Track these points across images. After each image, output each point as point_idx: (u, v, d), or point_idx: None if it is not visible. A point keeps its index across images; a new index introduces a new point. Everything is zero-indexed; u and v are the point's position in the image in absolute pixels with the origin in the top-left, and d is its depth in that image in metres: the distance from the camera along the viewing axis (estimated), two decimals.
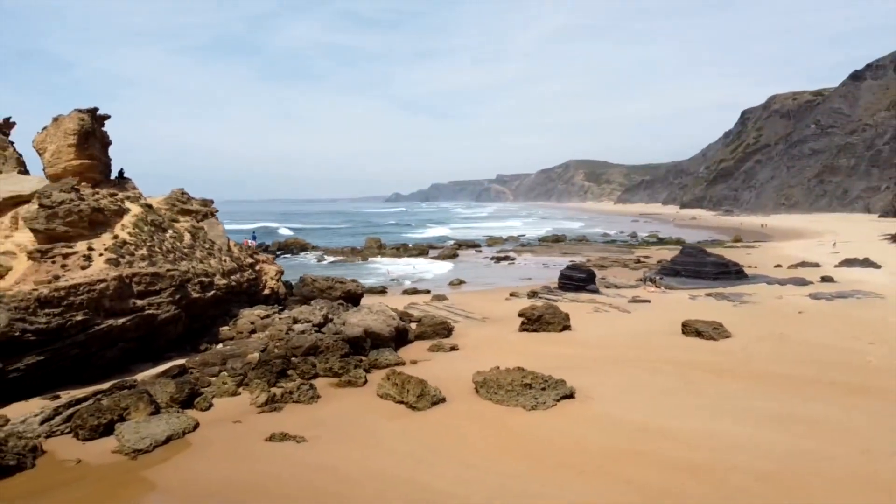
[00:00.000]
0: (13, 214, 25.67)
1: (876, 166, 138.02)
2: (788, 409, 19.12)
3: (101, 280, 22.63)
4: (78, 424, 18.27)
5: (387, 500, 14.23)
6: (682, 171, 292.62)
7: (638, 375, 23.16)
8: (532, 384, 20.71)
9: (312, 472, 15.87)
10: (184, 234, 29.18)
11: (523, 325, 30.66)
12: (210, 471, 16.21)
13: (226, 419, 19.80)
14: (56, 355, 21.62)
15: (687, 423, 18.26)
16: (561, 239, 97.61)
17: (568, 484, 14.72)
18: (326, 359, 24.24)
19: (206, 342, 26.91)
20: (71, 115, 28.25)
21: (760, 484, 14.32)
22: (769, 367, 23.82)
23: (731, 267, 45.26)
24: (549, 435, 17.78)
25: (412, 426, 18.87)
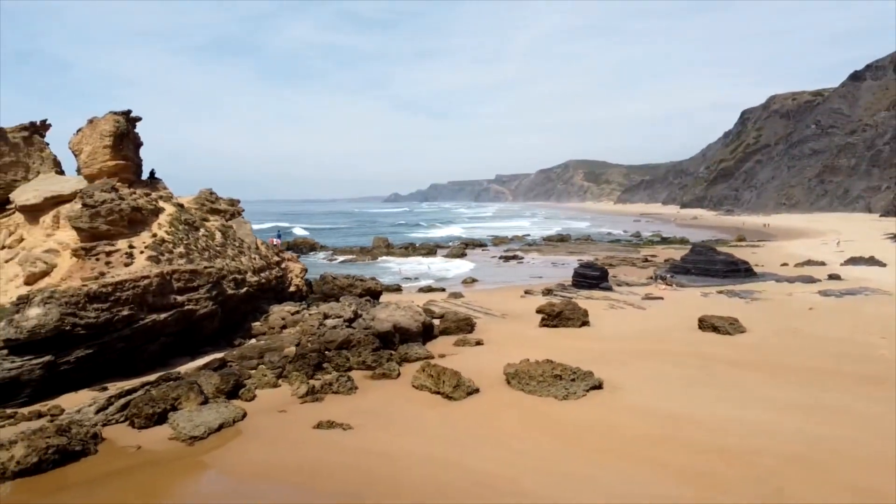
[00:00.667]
0: (55, 213, 26.55)
1: (876, 166, 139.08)
2: (808, 398, 20.05)
3: (145, 276, 23.53)
4: (134, 413, 19.16)
5: (439, 482, 15.12)
6: (682, 172, 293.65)
7: (661, 368, 24.08)
8: (562, 375, 21.64)
9: (363, 456, 16.79)
10: (215, 232, 30.07)
11: (544, 321, 31.56)
12: (265, 455, 17.13)
13: (271, 409, 20.72)
14: (103, 349, 22.51)
15: (713, 411, 19.18)
16: (566, 238, 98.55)
17: (609, 466, 15.63)
18: (359, 352, 25.13)
19: (239, 337, 27.80)
20: (106, 117, 29.12)
21: (788, 465, 15.24)
22: (786, 359, 24.75)
23: (741, 265, 46.22)
24: (584, 422, 18.71)
25: (451, 414, 19.78)
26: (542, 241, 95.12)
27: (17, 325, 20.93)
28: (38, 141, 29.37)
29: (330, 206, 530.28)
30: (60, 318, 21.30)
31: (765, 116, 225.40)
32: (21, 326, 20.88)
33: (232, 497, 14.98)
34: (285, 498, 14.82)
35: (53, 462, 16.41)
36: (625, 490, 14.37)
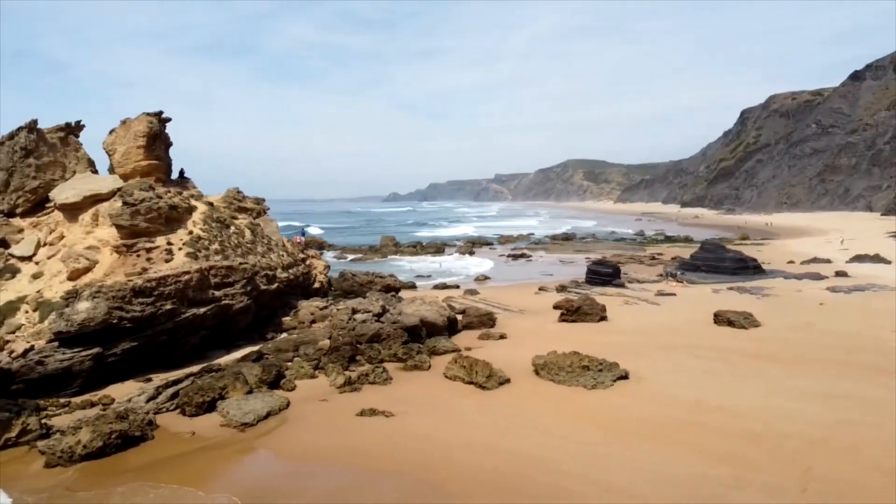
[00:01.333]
0: (94, 212, 27.41)
1: (877, 165, 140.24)
2: (827, 387, 20.99)
3: (186, 272, 24.43)
4: (184, 402, 20.06)
5: (485, 464, 16.04)
6: (682, 171, 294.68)
7: (682, 360, 25.02)
8: (589, 366, 22.57)
9: (409, 441, 17.71)
10: (244, 230, 30.96)
11: (563, 316, 32.48)
12: (314, 440, 18.06)
13: (312, 398, 21.63)
14: (147, 341, 23.43)
15: (736, 399, 20.10)
16: (571, 237, 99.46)
17: (644, 449, 16.56)
18: (389, 345, 26.05)
19: (270, 331, 28.72)
20: (140, 118, 29.99)
21: (814, 448, 16.17)
22: (802, 352, 25.70)
23: (749, 262, 47.19)
24: (614, 410, 19.64)
25: (486, 403, 20.70)
26: (547, 240, 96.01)
27: (67, 318, 21.84)
28: (73, 141, 30.22)
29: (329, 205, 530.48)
30: (108, 311, 22.21)
31: (764, 116, 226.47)
32: (71, 319, 21.78)
33: (290, 477, 15.88)
34: (340, 478, 15.73)
35: (116, 446, 17.33)
36: (663, 470, 15.29)
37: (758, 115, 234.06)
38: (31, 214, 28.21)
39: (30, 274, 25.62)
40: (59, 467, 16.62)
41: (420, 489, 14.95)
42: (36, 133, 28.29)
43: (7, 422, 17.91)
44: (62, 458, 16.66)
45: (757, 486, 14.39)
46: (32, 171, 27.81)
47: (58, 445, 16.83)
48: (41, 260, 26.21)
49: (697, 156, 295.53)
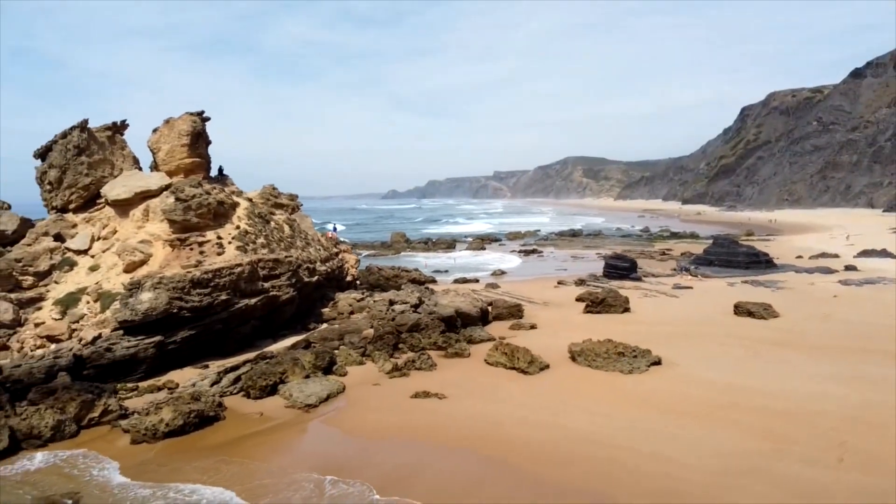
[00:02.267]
0: (144, 207, 28.63)
1: (878, 162, 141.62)
2: (849, 371, 22.34)
3: (238, 265, 25.69)
4: (249, 385, 21.36)
5: (541, 439, 17.33)
6: (682, 168, 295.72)
7: (709, 347, 26.34)
8: (624, 353, 23.92)
9: (465, 419, 19.00)
10: (283, 225, 32.20)
11: (587, 308, 33.78)
12: (376, 419, 19.36)
13: (364, 382, 22.93)
14: (204, 330, 24.69)
15: (766, 382, 21.43)
16: (578, 234, 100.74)
17: (687, 425, 17.87)
18: (429, 334, 27.32)
19: (312, 322, 29.98)
20: (183, 117, 31.19)
21: (846, 424, 17.50)
22: (821, 340, 27.04)
23: (762, 257, 48.55)
24: (653, 391, 20.95)
25: (530, 386, 22.02)
26: (554, 237, 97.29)
27: (132, 307, 23.10)
28: (119, 139, 31.42)
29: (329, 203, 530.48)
30: (169, 301, 23.48)
31: (765, 113, 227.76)
32: (136, 309, 23.05)
33: (362, 452, 17.14)
34: (409, 452, 17.03)
35: (194, 425, 18.63)
36: (707, 443, 16.61)
37: (758, 113, 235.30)
38: (83, 210, 29.43)
39: (87, 266, 26.86)
40: (144, 444, 17.92)
41: (485, 462, 16.23)
42: (87, 132, 29.48)
43: (90, 402, 19.19)
44: (146, 435, 17.95)
45: (796, 457, 15.71)
46: (85, 169, 29.01)
47: (142, 424, 18.12)
48: (96, 253, 27.45)
49: (697, 153, 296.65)
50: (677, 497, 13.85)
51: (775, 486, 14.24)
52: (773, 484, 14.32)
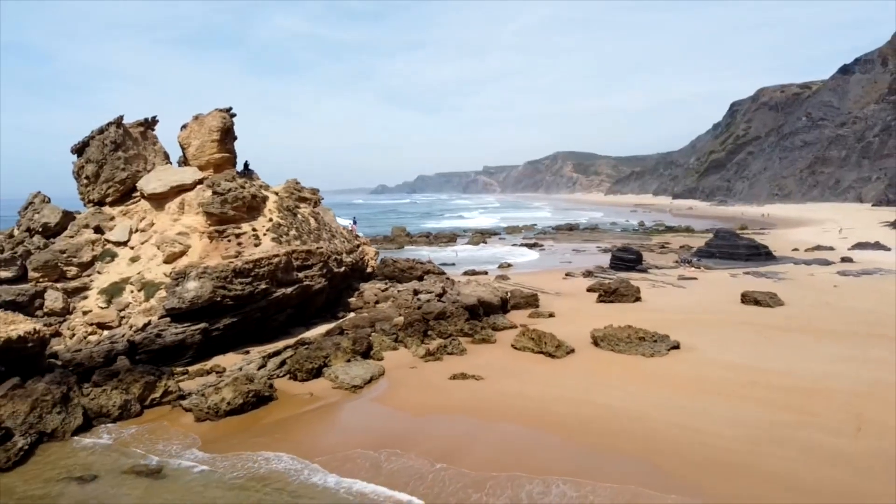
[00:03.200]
0: (179, 201, 29.73)
1: (867, 157, 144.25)
2: (857, 353, 23.87)
3: (276, 255, 26.88)
4: (296, 368, 22.60)
5: (580, 414, 18.69)
6: (672, 163, 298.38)
7: (722, 333, 27.81)
8: (645, 337, 25.34)
9: (504, 398, 20.32)
10: (308, 218, 33.36)
11: (601, 297, 35.21)
12: (421, 398, 20.65)
13: (401, 366, 24.20)
14: (245, 318, 25.88)
15: (781, 364, 22.90)
16: (575, 227, 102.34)
17: (712, 402, 19.30)
18: (455, 322, 28.62)
19: (340, 310, 31.21)
20: (213, 114, 32.26)
21: (860, 399, 18.99)
22: (827, 325, 28.59)
23: (762, 249, 50.22)
24: (676, 373, 22.36)
25: (560, 368, 23.39)
26: (551, 230, 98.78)
27: (179, 296, 24.27)
28: (150, 135, 32.47)
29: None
30: (213, 290, 24.65)
31: (754, 108, 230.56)
32: (183, 297, 24.21)
33: (415, 427, 18.42)
34: (458, 427, 18.31)
35: (252, 404, 19.87)
36: (735, 416, 18.05)
37: (747, 108, 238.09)
38: (119, 203, 30.46)
39: (127, 258, 27.95)
40: (207, 421, 19.13)
41: (529, 434, 17.56)
42: (122, 128, 30.51)
43: (153, 384, 20.38)
44: (209, 413, 19.17)
45: (817, 427, 17.17)
46: (122, 164, 30.05)
47: (204, 403, 19.34)
48: (135, 245, 28.53)
49: (687, 148, 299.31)
50: (716, 463, 15.24)
51: (802, 452, 15.68)
52: (800, 450, 15.76)
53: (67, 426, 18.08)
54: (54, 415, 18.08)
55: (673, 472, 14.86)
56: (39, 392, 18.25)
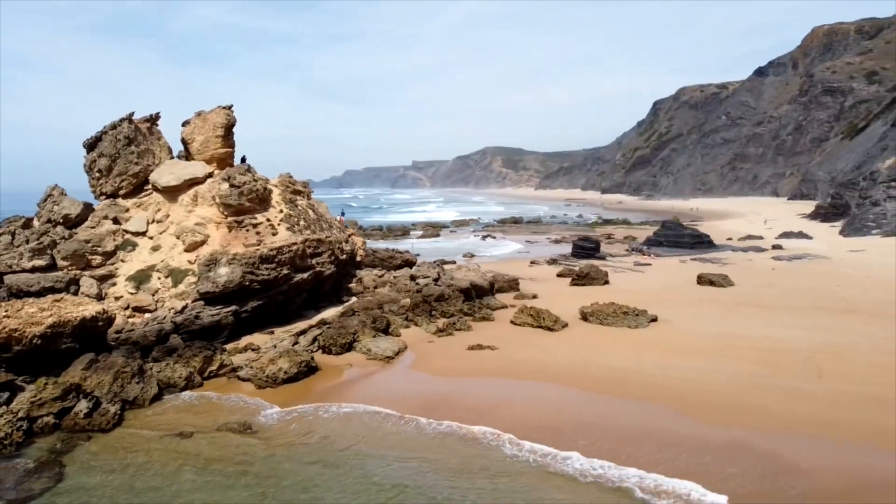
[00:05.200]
0: (192, 193, 31.44)
1: (781, 155, 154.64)
2: (805, 322, 28.19)
3: (294, 243, 29.16)
4: (330, 343, 25.15)
5: (591, 373, 22.05)
6: (599, 159, 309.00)
7: (687, 308, 31.81)
8: (628, 312, 29.00)
9: (520, 363, 23.46)
10: (307, 209, 35.55)
11: (573, 281, 38.86)
12: (450, 365, 23.55)
13: (419, 341, 27.00)
14: (269, 301, 28.09)
15: (744, 331, 26.93)
16: (519, 220, 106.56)
17: (696, 361, 23.01)
18: (454, 303, 31.55)
19: (344, 295, 33.65)
20: (217, 111, 34.00)
21: (817, 355, 23.07)
22: (775, 301, 33.04)
23: (704, 238, 55.25)
24: (660, 340, 26.04)
25: (561, 339, 26.72)
26: (498, 224, 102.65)
27: (213, 280, 26.31)
28: (155, 130, 33.90)
29: None
30: (242, 275, 26.78)
31: (675, 107, 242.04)
32: (216, 282, 26.27)
33: (453, 388, 21.29)
34: (491, 387, 21.33)
35: (304, 373, 22.38)
36: (718, 370, 21.78)
37: (669, 107, 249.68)
38: (132, 196, 31.90)
39: (148, 247, 29.60)
40: (268, 388, 21.50)
41: (554, 390, 20.75)
42: (133, 123, 31.97)
43: (210, 357, 22.59)
44: (268, 381, 21.57)
45: (787, 376, 21.07)
46: (135, 158, 31.50)
47: (262, 373, 21.73)
48: (154, 235, 30.17)
49: (613, 144, 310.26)
50: (714, 403, 18.82)
51: (779, 393, 19.47)
52: (778, 392, 19.55)
53: (146, 395, 20.15)
54: (134, 385, 20.11)
55: (684, 411, 18.37)
56: (119, 365, 20.24)
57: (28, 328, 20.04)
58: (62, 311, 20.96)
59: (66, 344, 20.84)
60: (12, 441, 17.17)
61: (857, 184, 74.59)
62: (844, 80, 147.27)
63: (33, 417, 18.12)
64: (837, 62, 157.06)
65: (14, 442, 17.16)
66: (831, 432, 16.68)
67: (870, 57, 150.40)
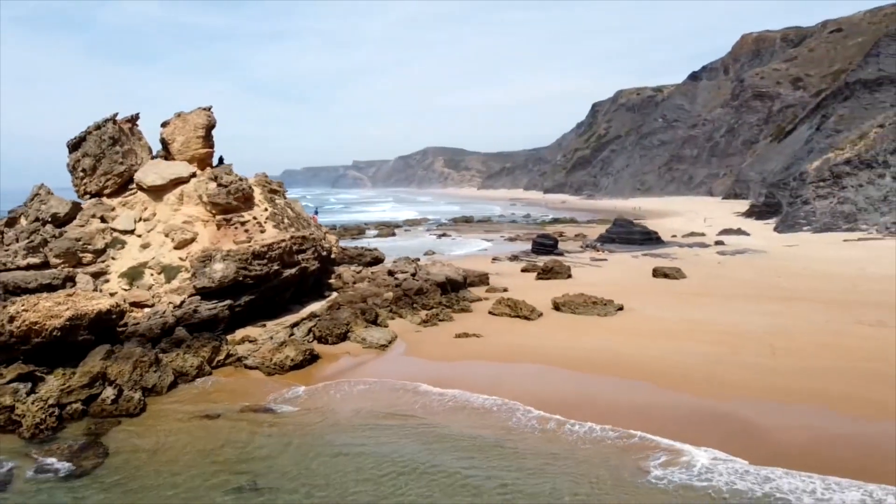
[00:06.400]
0: (178, 192, 32.33)
1: (715, 156, 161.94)
2: (757, 309, 31.08)
3: (283, 240, 30.45)
4: (326, 333, 26.73)
5: (568, 354, 24.26)
6: (541, 159, 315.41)
7: (648, 298, 34.45)
8: (596, 302, 31.42)
9: (507, 348, 25.51)
10: (286, 208, 36.77)
11: (539, 275, 41.20)
12: (442, 352, 25.44)
13: (407, 331, 28.76)
14: (260, 296, 29.33)
15: (703, 317, 29.65)
16: (470, 220, 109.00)
17: (664, 343, 25.47)
18: (432, 296, 33.39)
19: (325, 290, 35.04)
20: (198, 112, 34.88)
21: (770, 336, 25.84)
22: (725, 291, 36.07)
23: (653, 235, 58.62)
24: (629, 326, 28.49)
25: (539, 327, 28.90)
26: (449, 223, 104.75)
27: (209, 276, 27.44)
28: (136, 131, 34.56)
29: None
30: (237, 270, 27.98)
31: (613, 109, 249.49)
32: (212, 277, 27.42)
33: (450, 371, 23.15)
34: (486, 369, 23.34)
35: (307, 361, 23.98)
36: (683, 350, 24.30)
37: (607, 109, 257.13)
38: (116, 195, 32.53)
39: (138, 245, 30.39)
40: (276, 375, 22.92)
41: (542, 370, 22.88)
42: (117, 124, 32.62)
43: (218, 347, 23.91)
44: (276, 368, 23.05)
45: (746, 353, 23.75)
46: (120, 158, 32.15)
47: (271, 360, 23.19)
48: (142, 233, 30.96)
49: (554, 145, 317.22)
50: (688, 377, 21.24)
51: (740, 368, 22.05)
52: (739, 366, 22.14)
53: (163, 383, 21.34)
54: (151, 373, 21.27)
55: (661, 384, 20.77)
56: (137, 354, 21.36)
57: (48, 321, 20.97)
58: (78, 305, 21.91)
59: (83, 336, 21.82)
60: (47, 426, 18.22)
61: (787, 184, 79.68)
62: (772, 85, 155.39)
63: (63, 404, 19.16)
64: (765, 68, 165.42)
65: (49, 427, 18.22)
66: (787, 398, 19.28)
67: (795, 64, 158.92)
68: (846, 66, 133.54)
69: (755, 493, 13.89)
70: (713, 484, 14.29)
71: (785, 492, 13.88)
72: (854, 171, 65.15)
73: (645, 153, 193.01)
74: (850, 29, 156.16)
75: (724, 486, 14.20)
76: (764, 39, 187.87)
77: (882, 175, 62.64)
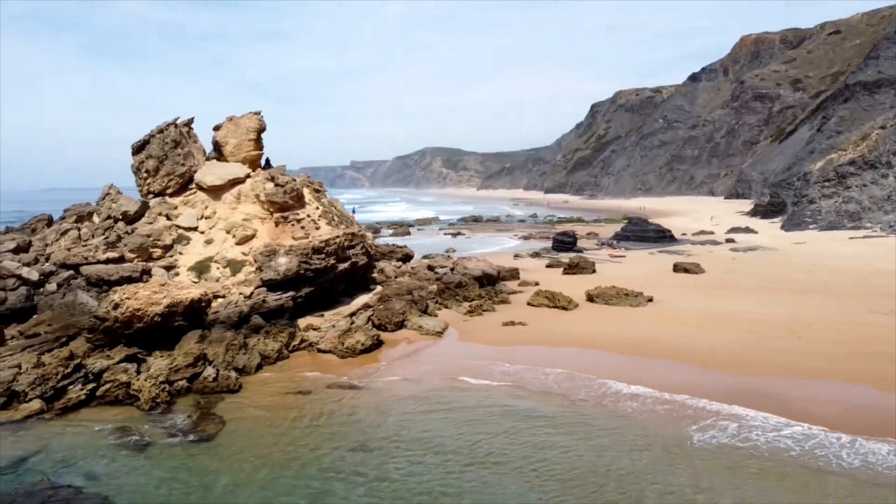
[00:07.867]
0: (235, 192, 34.57)
1: (715, 157, 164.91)
2: (778, 301, 33.43)
3: (337, 236, 32.72)
4: (385, 321, 29.05)
5: (611, 340, 26.56)
6: (540, 159, 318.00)
7: (672, 291, 36.81)
8: (627, 294, 33.75)
9: (552, 333, 27.84)
10: (331, 207, 39.04)
11: (566, 270, 43.56)
12: (492, 337, 27.73)
13: (456, 320, 31.06)
14: (318, 288, 31.59)
15: (728, 308, 31.99)
16: (479, 219, 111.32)
17: (696, 330, 27.81)
18: (472, 289, 35.72)
19: (371, 283, 37.32)
20: (249, 116, 37.12)
21: (796, 324, 28.17)
22: (745, 285, 38.43)
23: (667, 232, 61.07)
24: (659, 315, 30.83)
25: (575, 316, 31.23)
26: (459, 222, 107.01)
27: (274, 269, 29.69)
28: (192, 134, 36.78)
29: None
30: (299, 264, 30.24)
31: (612, 110, 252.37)
32: (278, 270, 29.67)
33: (505, 354, 25.39)
34: (534, 352, 25.57)
35: (374, 346, 26.23)
36: (715, 337, 26.60)
37: (606, 109, 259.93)
38: (177, 195, 34.76)
39: (202, 241, 32.63)
40: (348, 357, 25.20)
41: (590, 352, 25.19)
42: (178, 127, 34.85)
43: (293, 334, 26.18)
44: (348, 352, 25.33)
45: (771, 339, 26.08)
46: (181, 159, 34.40)
47: (343, 345, 25.47)
48: (205, 230, 33.20)
49: (553, 146, 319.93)
50: (725, 359, 23.57)
51: (770, 351, 24.39)
52: (769, 350, 24.47)
53: (251, 364, 23.61)
54: (241, 356, 23.55)
55: (700, 364, 23.10)
56: (229, 338, 23.66)
57: (149, 308, 23.23)
58: (172, 294, 24.17)
59: (178, 322, 24.11)
60: (162, 400, 20.46)
61: (791, 184, 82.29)
62: (772, 86, 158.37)
63: (171, 381, 21.41)
64: (765, 70, 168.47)
65: (164, 401, 20.46)
66: (816, 376, 21.63)
67: (794, 65, 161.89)
68: (845, 67, 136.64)
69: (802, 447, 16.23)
70: (772, 440, 16.63)
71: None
72: (858, 171, 67.73)
73: (646, 153, 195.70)
74: (849, 31, 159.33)
75: (791, 443, 16.54)
76: (763, 41, 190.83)
77: (885, 175, 65.23)
